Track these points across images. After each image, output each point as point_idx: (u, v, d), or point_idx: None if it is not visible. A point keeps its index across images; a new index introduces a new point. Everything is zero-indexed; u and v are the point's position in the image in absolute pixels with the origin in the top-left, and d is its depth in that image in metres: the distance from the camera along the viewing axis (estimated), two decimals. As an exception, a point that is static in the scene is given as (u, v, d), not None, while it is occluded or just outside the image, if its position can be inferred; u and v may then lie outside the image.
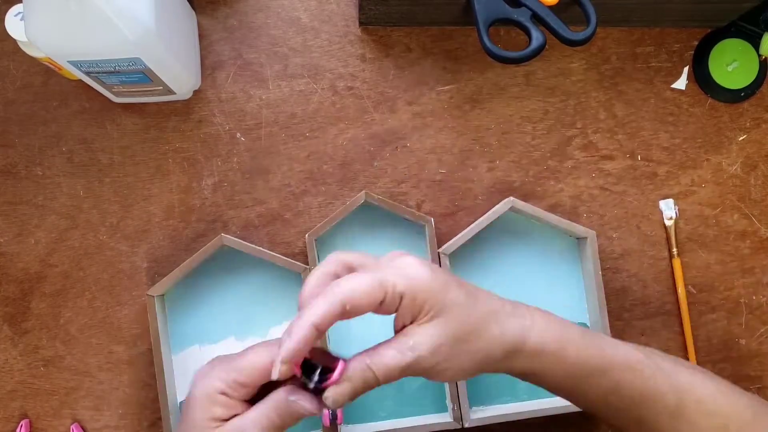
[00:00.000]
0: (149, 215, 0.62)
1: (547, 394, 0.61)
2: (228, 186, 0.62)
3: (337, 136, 0.63)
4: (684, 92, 0.66)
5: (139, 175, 0.62)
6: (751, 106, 0.66)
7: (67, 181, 0.62)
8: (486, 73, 0.64)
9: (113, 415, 0.61)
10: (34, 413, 0.61)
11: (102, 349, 0.61)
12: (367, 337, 0.61)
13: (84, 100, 0.62)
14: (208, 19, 0.63)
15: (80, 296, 0.61)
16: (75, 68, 0.51)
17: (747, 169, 0.66)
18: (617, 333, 0.63)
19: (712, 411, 0.42)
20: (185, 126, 0.62)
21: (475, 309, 0.39)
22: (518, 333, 0.40)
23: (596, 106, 0.65)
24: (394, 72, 0.63)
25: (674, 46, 0.66)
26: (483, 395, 0.61)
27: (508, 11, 0.53)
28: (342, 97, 0.63)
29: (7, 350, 0.61)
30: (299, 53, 0.63)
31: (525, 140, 0.64)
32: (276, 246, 0.62)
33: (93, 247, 0.62)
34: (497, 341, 0.39)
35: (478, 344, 0.39)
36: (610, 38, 0.65)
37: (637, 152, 0.65)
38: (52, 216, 0.62)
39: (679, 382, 0.42)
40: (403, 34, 0.64)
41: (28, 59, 0.60)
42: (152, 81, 0.55)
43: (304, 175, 0.63)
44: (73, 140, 0.62)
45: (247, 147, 0.62)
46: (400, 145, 0.63)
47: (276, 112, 0.63)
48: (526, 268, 0.62)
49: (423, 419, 0.59)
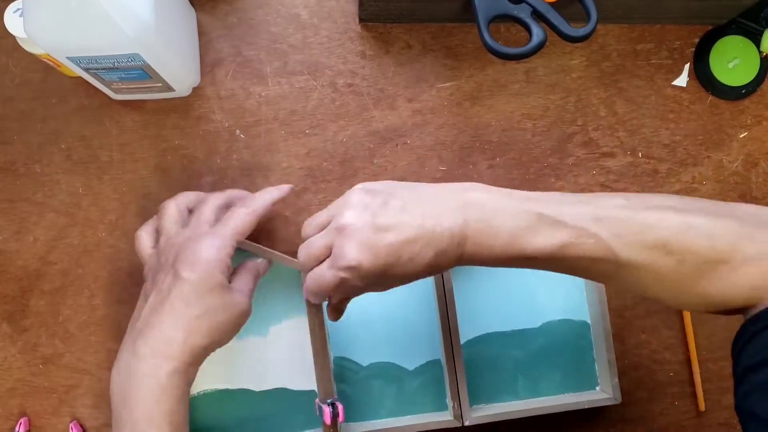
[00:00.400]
0: (149, 213, 0.62)
1: (547, 393, 0.61)
2: (227, 183, 0.62)
3: (336, 133, 0.63)
4: (685, 89, 0.65)
5: (138, 172, 0.62)
6: (752, 103, 0.66)
7: (66, 178, 0.62)
8: (486, 70, 0.64)
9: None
10: (33, 411, 0.61)
11: (101, 347, 0.61)
12: (366, 337, 0.61)
13: (83, 97, 0.62)
14: (207, 15, 0.62)
15: (79, 294, 0.61)
16: (74, 64, 0.51)
17: (748, 166, 0.66)
18: (618, 331, 0.63)
19: (664, 254, 0.40)
20: (184, 123, 0.62)
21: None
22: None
23: (597, 103, 0.65)
24: (394, 69, 0.63)
25: (675, 43, 0.65)
26: (483, 394, 0.61)
27: (509, 7, 0.53)
28: (342, 94, 0.63)
29: (5, 348, 0.61)
30: (299, 50, 0.63)
31: (525, 137, 0.64)
32: (275, 244, 0.62)
33: (92, 245, 0.61)
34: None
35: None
36: (610, 35, 0.65)
37: (638, 149, 0.65)
38: (51, 213, 0.61)
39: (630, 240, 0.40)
40: (403, 31, 0.63)
41: (27, 56, 0.60)
42: (151, 77, 0.55)
43: (304, 172, 0.63)
44: (72, 137, 0.62)
45: (247, 144, 0.62)
46: (400, 142, 0.63)
47: (275, 109, 0.62)
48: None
49: (423, 417, 0.59)
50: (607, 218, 0.40)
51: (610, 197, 0.43)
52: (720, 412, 0.64)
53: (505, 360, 0.61)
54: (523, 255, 0.42)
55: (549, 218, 0.41)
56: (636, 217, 0.41)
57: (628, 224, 0.40)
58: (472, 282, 0.61)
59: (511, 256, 0.42)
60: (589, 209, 0.41)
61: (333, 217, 0.45)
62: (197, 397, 0.59)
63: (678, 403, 0.64)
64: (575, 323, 0.62)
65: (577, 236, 0.41)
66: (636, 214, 0.41)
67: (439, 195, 0.44)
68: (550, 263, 0.43)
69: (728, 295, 0.40)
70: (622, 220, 0.40)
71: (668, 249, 0.40)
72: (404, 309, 0.61)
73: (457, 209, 0.42)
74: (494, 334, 0.61)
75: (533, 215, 0.41)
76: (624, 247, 0.40)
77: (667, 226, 0.40)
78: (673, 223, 0.40)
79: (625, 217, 0.41)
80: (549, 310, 0.62)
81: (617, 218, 0.40)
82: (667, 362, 0.64)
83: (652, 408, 0.64)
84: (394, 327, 0.61)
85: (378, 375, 0.60)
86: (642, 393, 0.64)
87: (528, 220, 0.41)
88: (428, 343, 0.60)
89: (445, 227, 0.42)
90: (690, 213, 0.41)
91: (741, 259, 0.39)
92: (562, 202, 0.42)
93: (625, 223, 0.40)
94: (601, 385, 0.61)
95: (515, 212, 0.42)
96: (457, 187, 0.44)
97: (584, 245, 0.41)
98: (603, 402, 0.59)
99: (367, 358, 0.60)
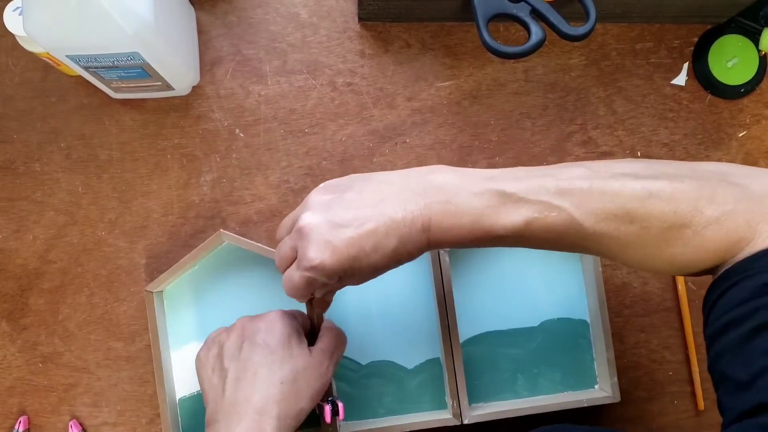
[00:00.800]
0: (148, 211, 0.62)
1: (547, 391, 0.61)
2: (227, 182, 0.62)
3: (336, 132, 0.63)
4: (684, 88, 0.66)
5: (137, 171, 0.62)
6: (751, 102, 0.66)
7: (65, 177, 0.62)
8: (485, 69, 0.64)
9: (112, 412, 0.61)
10: (33, 410, 0.61)
11: (100, 346, 0.61)
12: (366, 336, 0.61)
13: (83, 96, 0.62)
14: (206, 14, 0.63)
15: (79, 292, 0.61)
16: (74, 63, 0.51)
17: (747, 165, 0.66)
18: (617, 330, 0.63)
19: (628, 222, 0.40)
20: (184, 122, 0.62)
21: None
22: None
23: (596, 102, 0.65)
24: (394, 68, 0.63)
25: (674, 42, 0.66)
26: (483, 392, 0.61)
27: (508, 6, 0.53)
28: (341, 93, 0.63)
29: (5, 347, 0.61)
30: (298, 49, 0.63)
31: (524, 136, 0.64)
32: (275, 242, 0.62)
33: (91, 244, 0.61)
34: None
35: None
36: (609, 34, 0.65)
37: (637, 148, 0.65)
38: (51, 212, 0.61)
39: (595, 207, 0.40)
40: (403, 30, 0.64)
41: (27, 55, 0.60)
42: (151, 76, 0.55)
43: (303, 171, 0.63)
44: (71, 136, 0.62)
45: (246, 143, 0.62)
46: (399, 141, 0.63)
47: (275, 108, 0.63)
48: (527, 264, 0.62)
49: (422, 416, 0.59)
50: (569, 190, 0.40)
51: (571, 167, 0.42)
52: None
53: (504, 359, 0.61)
54: (489, 235, 0.42)
55: (511, 195, 0.41)
56: (598, 186, 0.40)
57: (591, 194, 0.40)
58: (471, 281, 0.61)
59: (478, 237, 0.42)
60: (551, 182, 0.41)
61: (297, 219, 0.45)
62: (189, 398, 0.59)
63: (677, 402, 0.64)
64: (574, 322, 0.62)
65: (540, 211, 0.40)
66: (598, 183, 0.40)
67: (401, 180, 0.43)
68: (518, 240, 0.42)
69: (694, 258, 0.40)
70: (585, 190, 0.40)
71: (631, 217, 0.39)
72: (403, 308, 0.61)
73: (419, 193, 0.42)
74: (493, 333, 0.61)
75: (495, 193, 0.41)
76: (588, 217, 0.40)
77: (629, 194, 0.39)
78: (635, 190, 0.40)
79: (588, 187, 0.40)
80: (548, 309, 0.62)
81: (580, 189, 0.40)
82: (666, 361, 0.64)
83: (651, 407, 0.64)
84: (393, 326, 0.61)
85: (377, 374, 0.60)
86: (641, 392, 0.64)
87: (490, 199, 0.41)
88: (427, 341, 0.60)
89: (408, 212, 0.41)
90: (651, 178, 0.40)
91: (704, 221, 0.39)
92: (523, 177, 0.42)
93: (587, 193, 0.40)
94: (600, 383, 0.61)
95: (476, 191, 0.41)
96: (420, 171, 0.44)
97: (548, 219, 0.40)
98: (602, 401, 0.58)
99: (367, 357, 0.60)
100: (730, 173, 0.41)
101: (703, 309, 0.41)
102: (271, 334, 0.49)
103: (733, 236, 0.38)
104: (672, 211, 0.39)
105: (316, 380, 0.49)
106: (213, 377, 0.49)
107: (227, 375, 0.48)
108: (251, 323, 0.51)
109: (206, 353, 0.51)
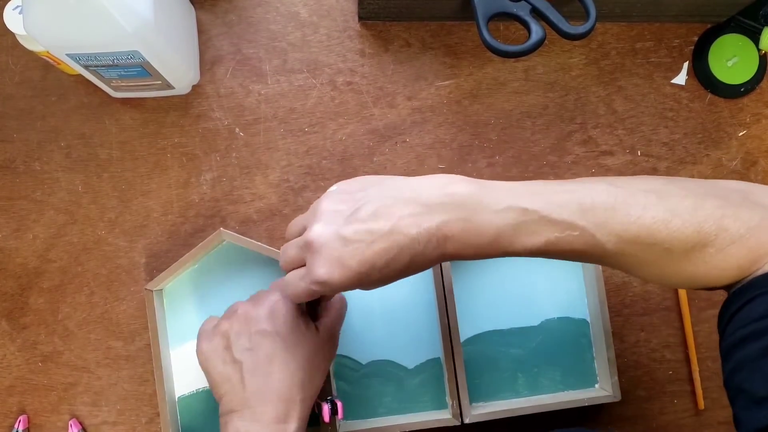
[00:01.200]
0: (148, 210, 0.62)
1: (548, 391, 0.61)
2: (227, 181, 0.62)
3: (336, 131, 0.63)
4: (684, 88, 0.66)
5: (137, 170, 0.62)
6: (751, 102, 0.66)
7: (65, 176, 0.62)
8: (485, 68, 0.64)
9: (111, 411, 0.61)
10: (32, 409, 0.60)
11: (100, 345, 0.61)
12: (366, 336, 0.61)
13: (83, 95, 0.62)
14: (207, 13, 0.63)
15: (78, 291, 0.61)
16: (74, 62, 0.51)
17: (747, 164, 0.66)
18: (617, 329, 0.63)
19: (651, 244, 0.40)
20: (184, 121, 0.62)
21: None
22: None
23: (596, 101, 0.65)
24: (394, 67, 0.63)
25: (674, 41, 0.66)
26: (483, 392, 0.61)
27: (508, 5, 0.53)
28: (341, 92, 0.63)
29: (5, 346, 0.61)
30: (298, 48, 0.63)
31: (524, 135, 0.64)
32: (275, 241, 0.62)
33: (91, 243, 0.61)
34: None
35: None
36: (609, 33, 0.65)
37: (637, 147, 0.65)
38: (51, 211, 0.61)
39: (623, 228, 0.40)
40: (403, 29, 0.64)
41: (27, 54, 0.60)
42: (151, 75, 0.55)
43: (303, 170, 0.63)
44: (71, 135, 0.62)
45: (246, 142, 0.62)
46: (399, 140, 0.63)
47: (275, 107, 0.63)
48: (527, 263, 0.62)
49: (423, 416, 0.59)
50: (592, 209, 0.40)
51: (593, 183, 0.42)
52: (719, 410, 0.64)
53: (504, 358, 0.61)
54: (507, 252, 0.41)
55: (534, 213, 0.40)
56: (621, 206, 0.39)
57: (614, 214, 0.39)
58: (471, 280, 0.61)
59: (495, 253, 0.41)
60: (575, 198, 0.40)
61: (307, 225, 0.43)
62: (189, 396, 0.59)
63: (677, 401, 0.64)
64: (575, 321, 0.62)
65: (562, 230, 0.40)
66: (621, 202, 0.40)
67: (417, 191, 0.42)
68: (539, 255, 0.42)
69: (715, 275, 0.40)
70: (608, 209, 0.39)
71: (654, 239, 0.39)
72: (404, 307, 0.61)
73: (435, 207, 0.40)
74: (494, 332, 0.61)
75: (518, 211, 0.40)
76: (610, 238, 0.39)
77: (653, 215, 0.39)
78: (658, 211, 0.39)
79: (611, 206, 0.39)
80: (548, 308, 0.62)
81: (603, 208, 0.39)
82: (666, 360, 0.64)
83: (651, 406, 0.64)
84: (393, 325, 0.61)
85: (377, 373, 0.60)
86: (641, 391, 0.64)
87: (514, 217, 0.40)
88: (428, 341, 0.60)
89: (423, 229, 0.40)
90: (674, 197, 0.40)
91: (727, 239, 0.38)
92: (544, 193, 0.41)
93: (610, 213, 0.39)
94: (600, 382, 0.61)
95: (498, 209, 0.40)
96: (437, 181, 0.42)
97: (569, 238, 0.40)
98: (602, 400, 0.58)
99: (367, 357, 0.60)
100: (750, 192, 0.41)
101: (718, 323, 0.41)
102: (277, 320, 0.49)
103: (754, 253, 0.38)
104: (695, 231, 0.39)
105: (326, 359, 0.51)
106: (225, 369, 0.49)
107: (243, 367, 0.48)
108: (254, 309, 0.50)
109: (210, 344, 0.50)
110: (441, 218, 0.40)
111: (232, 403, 0.48)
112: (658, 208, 0.39)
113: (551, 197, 0.40)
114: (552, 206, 0.40)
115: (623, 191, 0.40)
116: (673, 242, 0.39)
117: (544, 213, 0.40)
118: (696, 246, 0.39)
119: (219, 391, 0.49)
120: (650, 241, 0.39)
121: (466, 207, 0.40)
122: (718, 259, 0.39)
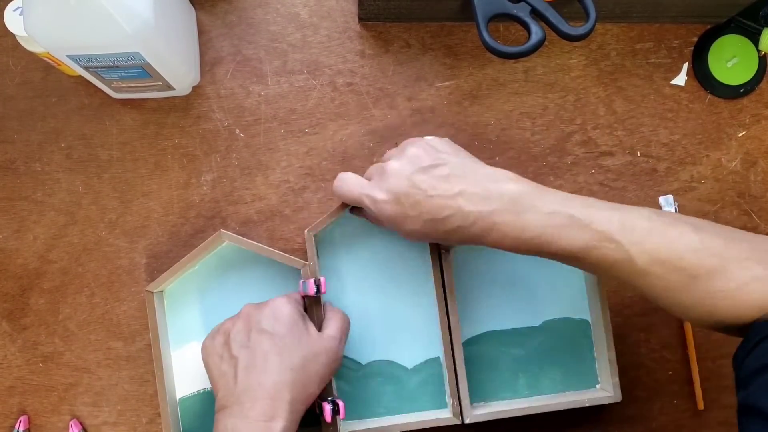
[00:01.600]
0: (148, 211, 0.62)
1: (548, 391, 0.61)
2: (227, 182, 0.62)
3: (336, 132, 0.63)
4: (683, 88, 0.66)
5: (138, 171, 0.62)
6: (751, 102, 0.66)
7: (66, 177, 0.62)
8: (485, 69, 0.64)
9: (112, 411, 0.61)
10: (33, 409, 0.61)
11: (101, 345, 0.61)
12: (366, 335, 0.61)
13: (83, 96, 0.62)
14: (207, 14, 0.63)
15: (79, 292, 0.61)
16: (74, 63, 0.51)
17: (747, 165, 0.66)
18: (617, 329, 0.63)
19: (678, 267, 0.43)
20: (184, 122, 0.62)
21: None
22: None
23: (596, 102, 0.65)
24: (394, 68, 0.63)
25: (674, 42, 0.66)
26: (483, 391, 0.61)
27: (508, 6, 0.53)
28: (341, 93, 0.63)
29: (5, 346, 0.61)
30: (298, 49, 0.63)
31: (524, 136, 0.64)
32: (275, 242, 0.62)
33: (92, 243, 0.61)
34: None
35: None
36: (609, 34, 0.65)
37: (637, 148, 0.65)
38: (51, 212, 0.61)
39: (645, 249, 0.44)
40: (403, 30, 0.64)
41: (27, 55, 0.60)
42: (151, 76, 0.55)
43: (304, 171, 0.63)
44: (72, 136, 0.62)
45: (246, 143, 0.62)
46: (399, 141, 0.63)
47: (275, 108, 0.63)
48: (527, 263, 0.62)
49: (423, 415, 0.59)
50: (632, 227, 0.43)
51: (638, 209, 0.46)
52: (719, 410, 0.64)
53: (505, 358, 0.61)
54: (544, 250, 0.45)
55: (579, 221, 0.44)
56: (658, 229, 0.43)
57: (650, 235, 0.43)
58: (472, 280, 0.61)
59: (533, 249, 0.45)
60: (617, 216, 0.44)
61: (390, 158, 0.50)
62: (189, 397, 0.59)
63: (677, 402, 0.64)
64: (576, 321, 0.62)
65: (600, 240, 0.43)
66: (659, 226, 0.44)
67: (480, 178, 0.46)
68: (570, 260, 0.45)
69: (734, 312, 0.42)
70: (646, 230, 0.43)
71: (683, 265, 0.42)
72: (404, 307, 0.61)
73: (492, 197, 0.45)
74: (494, 332, 0.61)
75: (566, 216, 0.44)
76: (642, 256, 0.43)
77: (686, 244, 0.43)
78: (692, 241, 0.43)
79: (649, 227, 0.43)
80: (549, 309, 0.62)
81: (642, 227, 0.43)
82: (666, 361, 0.64)
83: (651, 406, 0.64)
84: (393, 325, 0.61)
85: (377, 373, 0.60)
86: (641, 391, 0.64)
87: (560, 221, 0.44)
88: (427, 340, 0.60)
89: (477, 209, 0.44)
90: (708, 233, 0.44)
91: (750, 277, 0.42)
92: (592, 206, 0.45)
93: (647, 233, 0.43)
94: (601, 383, 0.61)
95: (549, 211, 0.44)
96: (501, 175, 0.47)
97: (605, 249, 0.43)
98: (603, 400, 0.59)
99: (367, 357, 0.60)
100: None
101: (737, 356, 0.43)
102: (278, 321, 0.50)
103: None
104: (720, 265, 0.42)
105: (325, 365, 0.51)
106: (222, 365, 0.50)
107: (238, 363, 0.49)
108: (257, 310, 0.52)
109: (212, 342, 0.52)
110: (495, 207, 0.45)
111: (225, 398, 0.48)
112: (692, 237, 0.43)
113: (598, 212, 0.44)
114: (596, 217, 0.44)
115: (663, 219, 0.44)
116: (699, 270, 0.42)
117: (587, 222, 0.43)
118: (720, 278, 0.42)
119: (215, 386, 0.50)
120: (678, 265, 0.43)
121: (519, 203, 0.45)
122: (740, 294, 0.42)
